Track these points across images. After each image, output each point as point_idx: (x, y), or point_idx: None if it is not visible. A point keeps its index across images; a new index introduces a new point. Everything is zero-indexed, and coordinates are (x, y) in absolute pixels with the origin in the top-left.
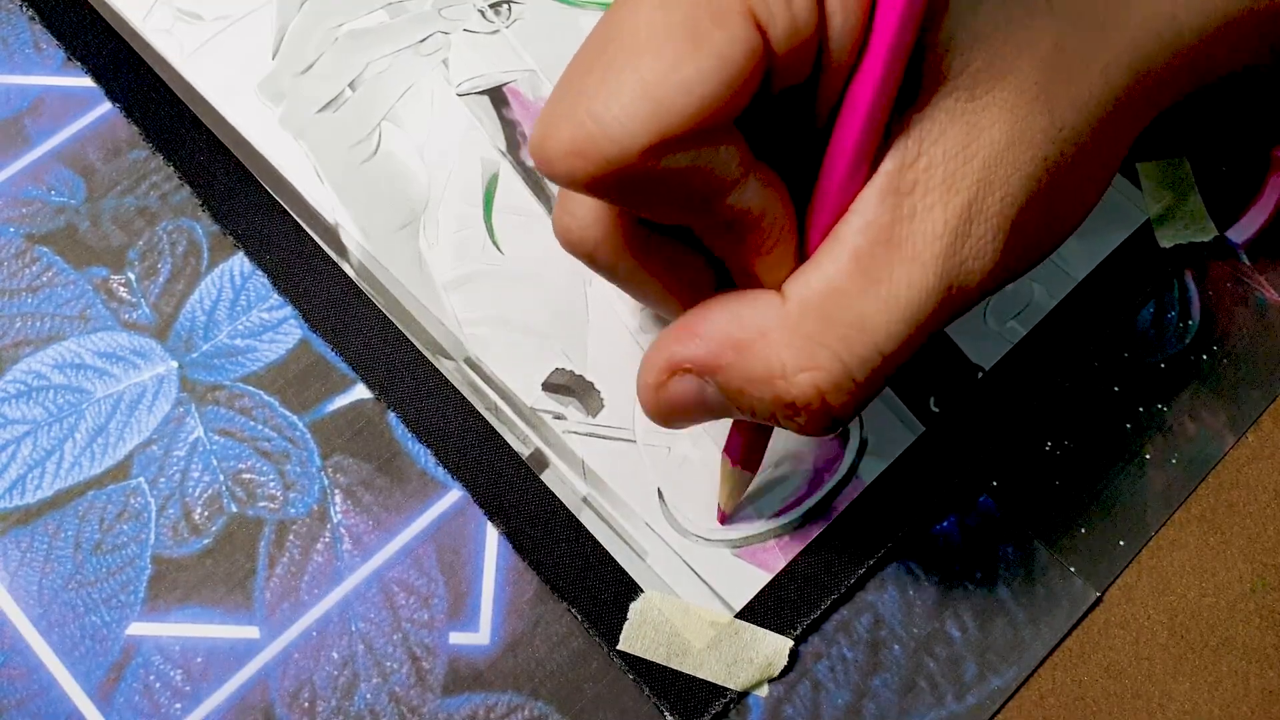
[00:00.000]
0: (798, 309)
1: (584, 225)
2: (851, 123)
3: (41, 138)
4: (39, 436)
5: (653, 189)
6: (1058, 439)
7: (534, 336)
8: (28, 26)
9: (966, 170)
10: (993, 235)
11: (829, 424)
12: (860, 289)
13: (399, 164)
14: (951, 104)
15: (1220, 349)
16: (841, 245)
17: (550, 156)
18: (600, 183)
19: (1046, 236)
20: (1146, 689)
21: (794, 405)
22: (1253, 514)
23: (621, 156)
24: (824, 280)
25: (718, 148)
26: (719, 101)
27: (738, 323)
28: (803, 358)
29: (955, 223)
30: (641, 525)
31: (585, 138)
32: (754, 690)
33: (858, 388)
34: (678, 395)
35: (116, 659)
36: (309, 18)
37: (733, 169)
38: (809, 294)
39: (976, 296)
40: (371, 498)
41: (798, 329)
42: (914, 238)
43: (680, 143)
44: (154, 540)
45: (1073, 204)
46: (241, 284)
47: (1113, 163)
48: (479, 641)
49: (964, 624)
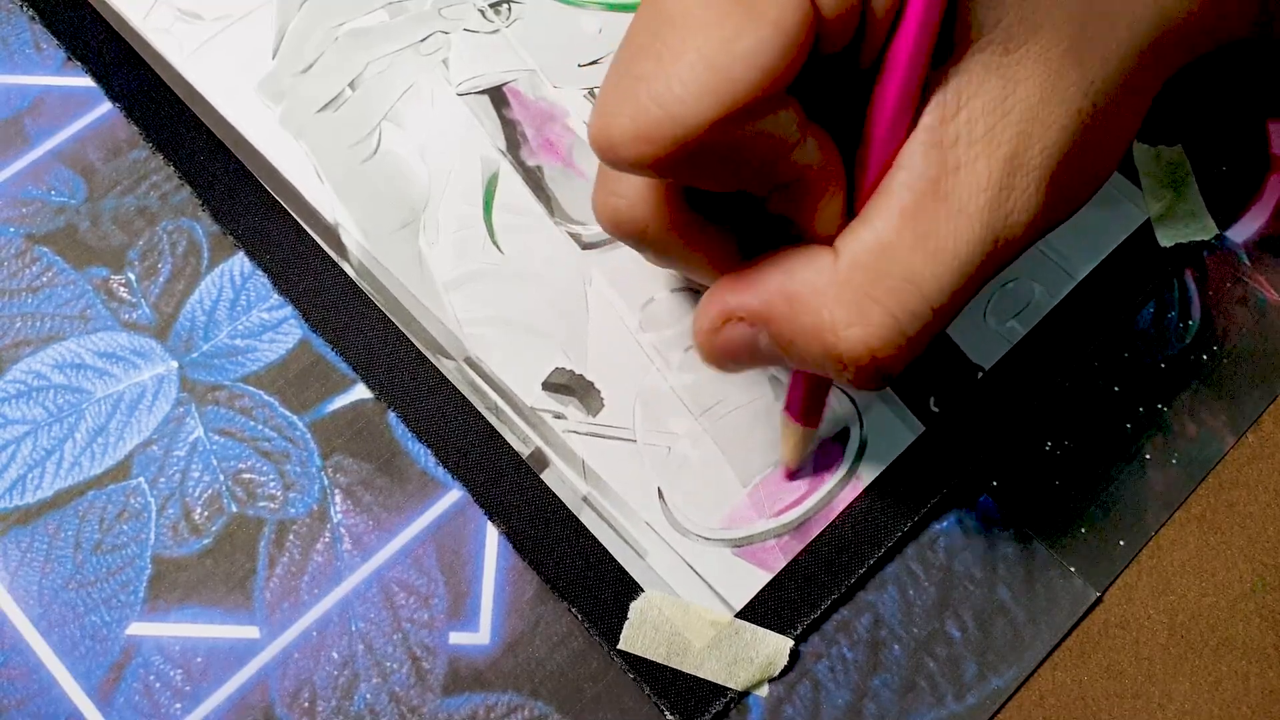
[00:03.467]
0: (848, 265)
1: (632, 204)
2: (893, 76)
3: (41, 138)
4: (39, 436)
5: (718, 161)
6: (1058, 439)
7: (534, 336)
8: (28, 26)
9: (1006, 123)
10: (1035, 187)
11: (878, 378)
12: (909, 244)
13: (399, 164)
14: (987, 58)
15: (1220, 349)
16: (890, 201)
17: (615, 144)
18: (665, 162)
19: (1081, 188)
20: (1146, 689)
21: (843, 359)
22: (1253, 514)
23: (688, 134)
24: (874, 236)
25: (778, 113)
26: (779, 69)
27: (790, 277)
28: (853, 313)
29: (999, 175)
30: (641, 525)
31: (650, 121)
32: (754, 690)
33: (908, 342)
34: (731, 341)
35: (116, 659)
36: (309, 17)
37: (792, 130)
38: (860, 250)
39: (1019, 248)
40: (371, 498)
41: (848, 284)
42: (960, 191)
43: (745, 113)
44: (154, 540)
45: (1104, 157)
46: (241, 284)
47: (1137, 117)
48: (479, 641)
49: (964, 624)
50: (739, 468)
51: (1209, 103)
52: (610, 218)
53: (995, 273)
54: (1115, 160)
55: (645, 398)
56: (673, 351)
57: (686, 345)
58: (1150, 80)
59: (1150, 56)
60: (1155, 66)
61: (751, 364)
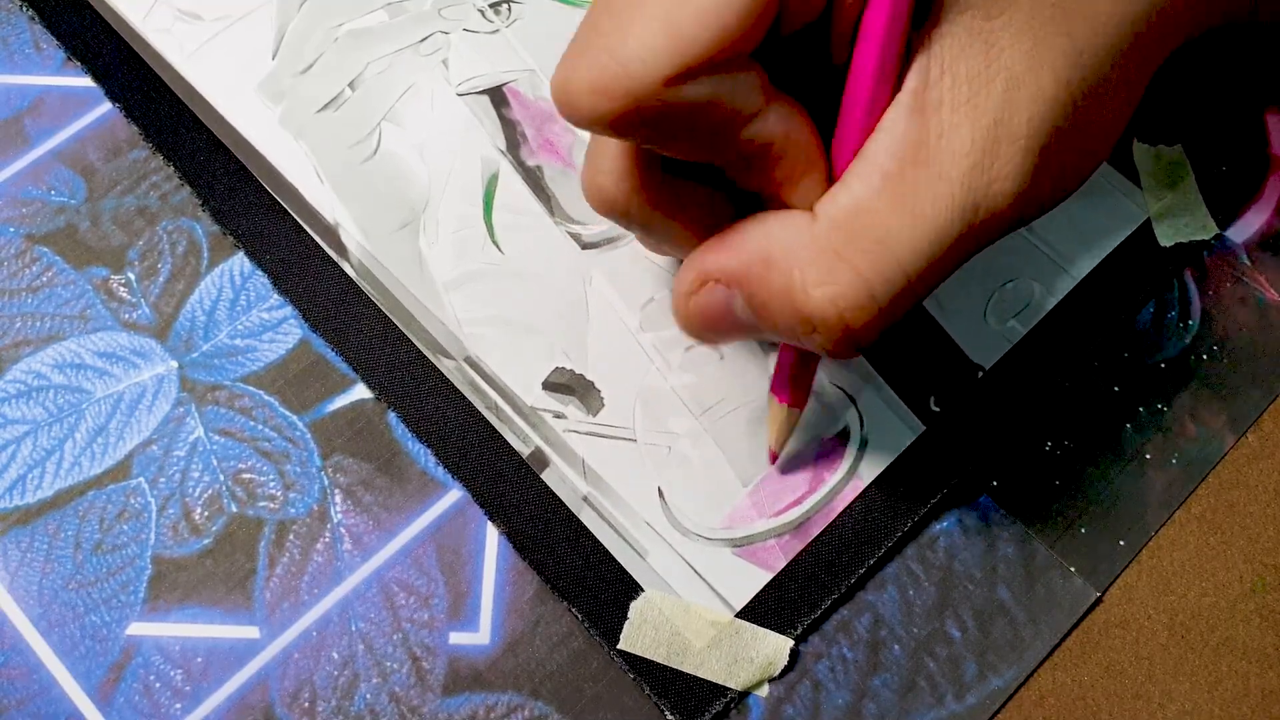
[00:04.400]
0: (825, 226)
1: (615, 180)
2: (871, 41)
3: (41, 138)
4: (39, 436)
5: (675, 122)
6: (1058, 439)
7: (534, 336)
8: (28, 26)
9: (990, 89)
10: (1020, 158)
11: (849, 344)
12: (888, 206)
13: (399, 164)
14: (968, 21)
15: (1220, 349)
16: (870, 163)
17: (572, 97)
18: (624, 119)
19: (1072, 167)
20: (1146, 689)
21: (811, 321)
22: (1253, 514)
23: (643, 90)
24: (852, 198)
25: (736, 75)
26: (736, 31)
27: (768, 238)
28: (823, 273)
29: (982, 141)
30: (642, 524)
31: (607, 75)
32: (754, 690)
33: (879, 309)
34: (707, 305)
35: (116, 659)
36: (309, 18)
37: (753, 99)
38: (837, 211)
39: (1004, 223)
40: (371, 498)
41: (823, 244)
42: (942, 155)
43: (698, 71)
44: (154, 540)
45: (1097, 135)
46: (241, 284)
47: (1133, 98)
48: (479, 641)
49: (964, 624)
50: (739, 467)
51: (1206, 96)
52: (595, 194)
53: (977, 248)
54: (1109, 141)
55: (645, 397)
56: (673, 351)
57: (687, 345)
58: (1146, 57)
59: (1145, 31)
60: (1150, 43)
61: (730, 333)
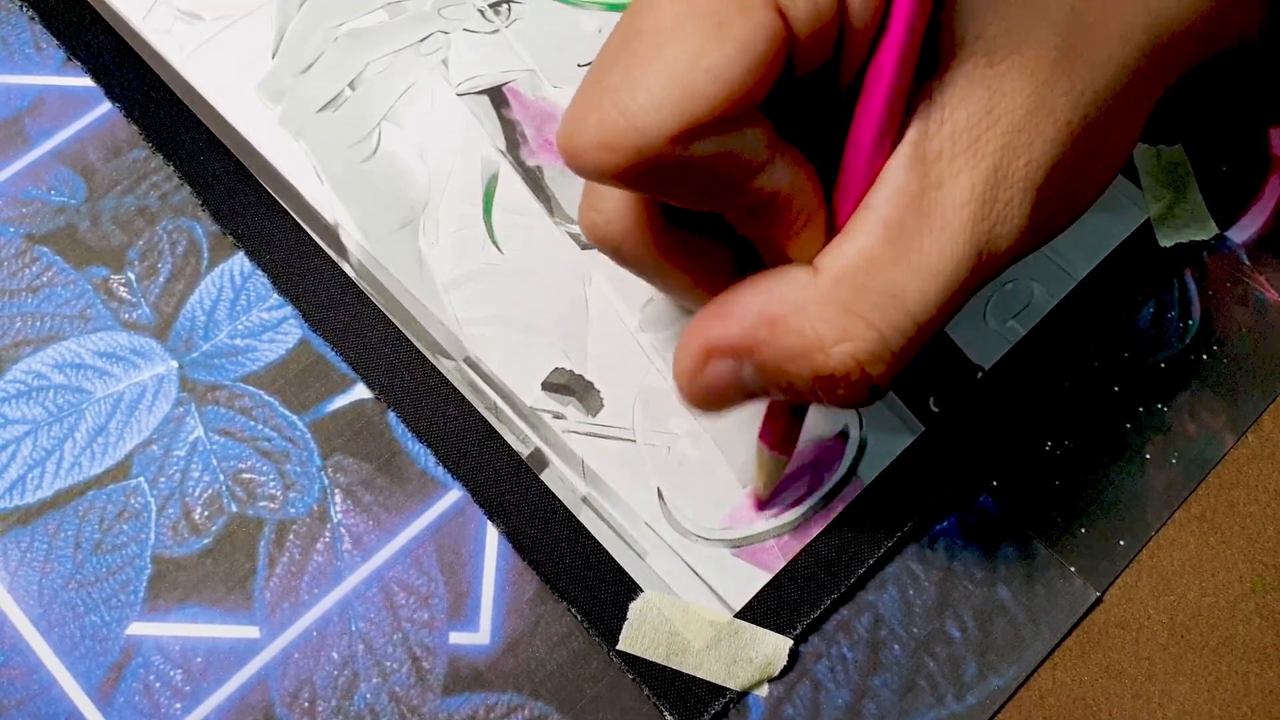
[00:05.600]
0: (831, 281)
1: (609, 220)
2: (875, 95)
3: (41, 138)
4: (39, 436)
5: (682, 176)
6: (1058, 439)
7: (534, 336)
8: (28, 26)
9: (990, 135)
10: (1020, 200)
11: (868, 394)
12: (892, 258)
13: (399, 164)
14: (971, 69)
15: (1220, 349)
16: (872, 216)
17: (579, 151)
18: (629, 173)
19: (1072, 203)
20: (1146, 689)
21: (833, 378)
22: (1253, 514)
23: (650, 146)
24: (856, 251)
25: (744, 131)
26: (744, 87)
27: (771, 299)
28: (838, 329)
29: (982, 188)
30: (641, 525)
31: (613, 130)
32: (754, 690)
33: (894, 356)
34: (714, 379)
35: (116, 659)
36: (309, 18)
37: (760, 151)
38: (842, 265)
39: (1006, 262)
40: (371, 497)
41: (832, 300)
42: (942, 205)
43: (708, 129)
44: (154, 540)
45: (1096, 171)
46: (241, 284)
47: (1134, 131)
48: (479, 641)
49: (964, 624)
50: (739, 468)
51: (1209, 111)
52: (589, 230)
53: (981, 285)
54: (1109, 175)
55: (645, 398)
56: (672, 351)
57: None
58: (1146, 92)
59: (1145, 68)
60: (1151, 78)
61: (736, 401)
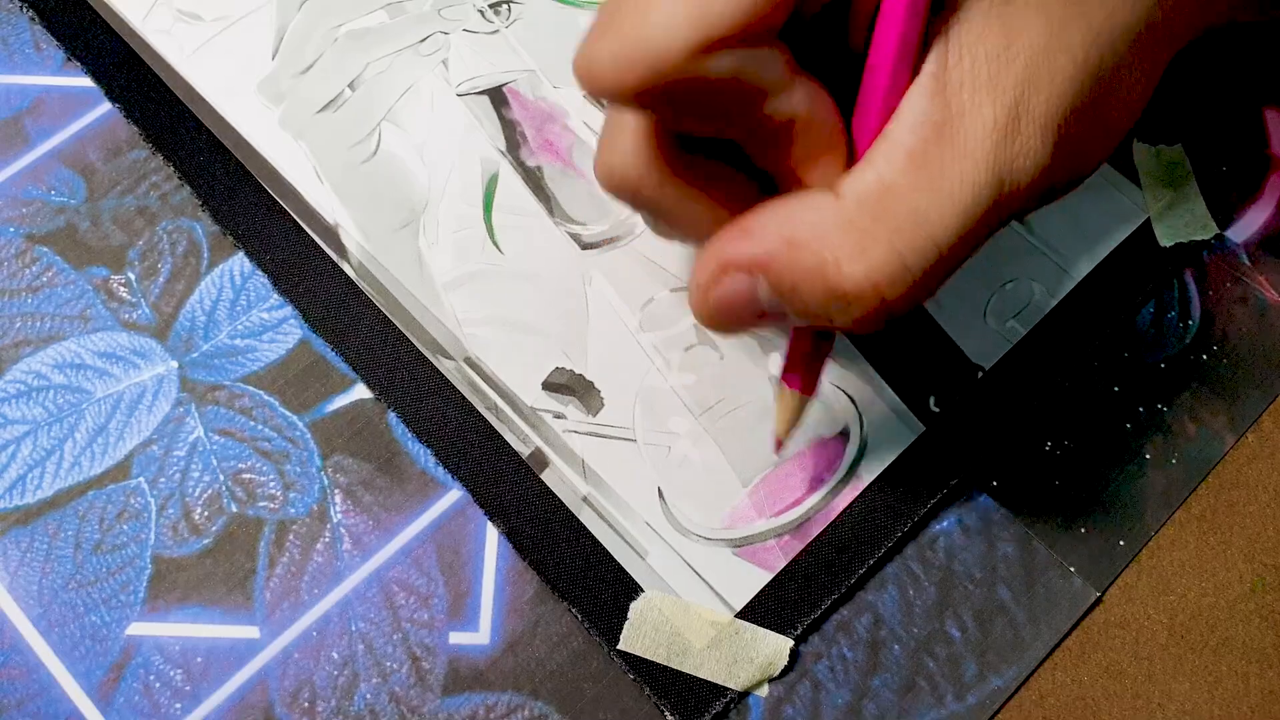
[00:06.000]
0: (854, 204)
1: (626, 157)
2: (892, 23)
3: (41, 138)
4: (39, 436)
5: (701, 96)
6: (1058, 439)
7: (534, 336)
8: (28, 26)
9: (1010, 70)
10: (1041, 135)
11: (882, 317)
12: (914, 184)
13: (399, 164)
14: (986, 6)
15: (1220, 349)
16: (894, 143)
17: (596, 71)
18: (648, 93)
19: (1090, 145)
20: (1146, 689)
21: (846, 297)
22: (1253, 514)
23: (667, 63)
24: (878, 177)
25: (762, 50)
26: (762, 8)
27: (791, 219)
28: (856, 250)
29: (1004, 120)
30: (641, 524)
31: (631, 48)
32: (754, 690)
33: (914, 280)
34: (729, 295)
35: (116, 659)
36: (309, 18)
37: (778, 73)
38: (864, 189)
39: (1025, 197)
40: (371, 498)
41: (852, 223)
42: (965, 134)
43: (724, 44)
44: (154, 540)
45: (1114, 118)
46: (241, 284)
47: (1148, 85)
48: (479, 641)
49: (964, 624)
50: (739, 468)
51: (1207, 91)
52: (606, 175)
53: (1001, 224)
54: (1124, 125)
55: (645, 397)
56: (673, 351)
57: (687, 345)
58: (1162, 40)
59: (1161, 20)
60: (1167, 26)
61: (751, 321)
